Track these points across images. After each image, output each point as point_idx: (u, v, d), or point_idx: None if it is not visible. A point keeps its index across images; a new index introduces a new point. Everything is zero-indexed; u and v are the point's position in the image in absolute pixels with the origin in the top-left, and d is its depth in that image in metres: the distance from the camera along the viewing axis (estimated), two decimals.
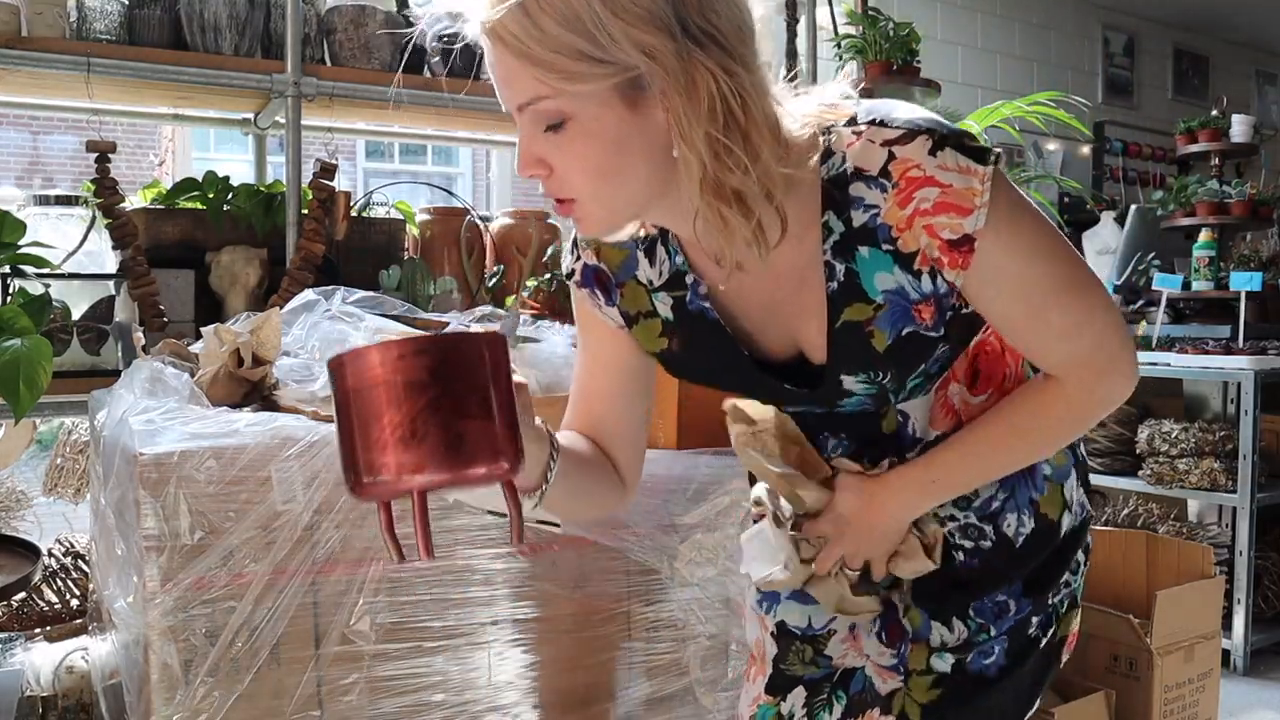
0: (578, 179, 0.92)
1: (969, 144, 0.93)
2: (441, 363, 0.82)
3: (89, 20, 2.09)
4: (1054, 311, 0.98)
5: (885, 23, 2.65)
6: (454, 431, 0.82)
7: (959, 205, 0.93)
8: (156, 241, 2.16)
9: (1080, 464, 1.21)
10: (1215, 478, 3.27)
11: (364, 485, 0.83)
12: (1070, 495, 1.17)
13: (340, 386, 0.83)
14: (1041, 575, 1.17)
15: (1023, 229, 0.96)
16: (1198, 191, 4.04)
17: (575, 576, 1.55)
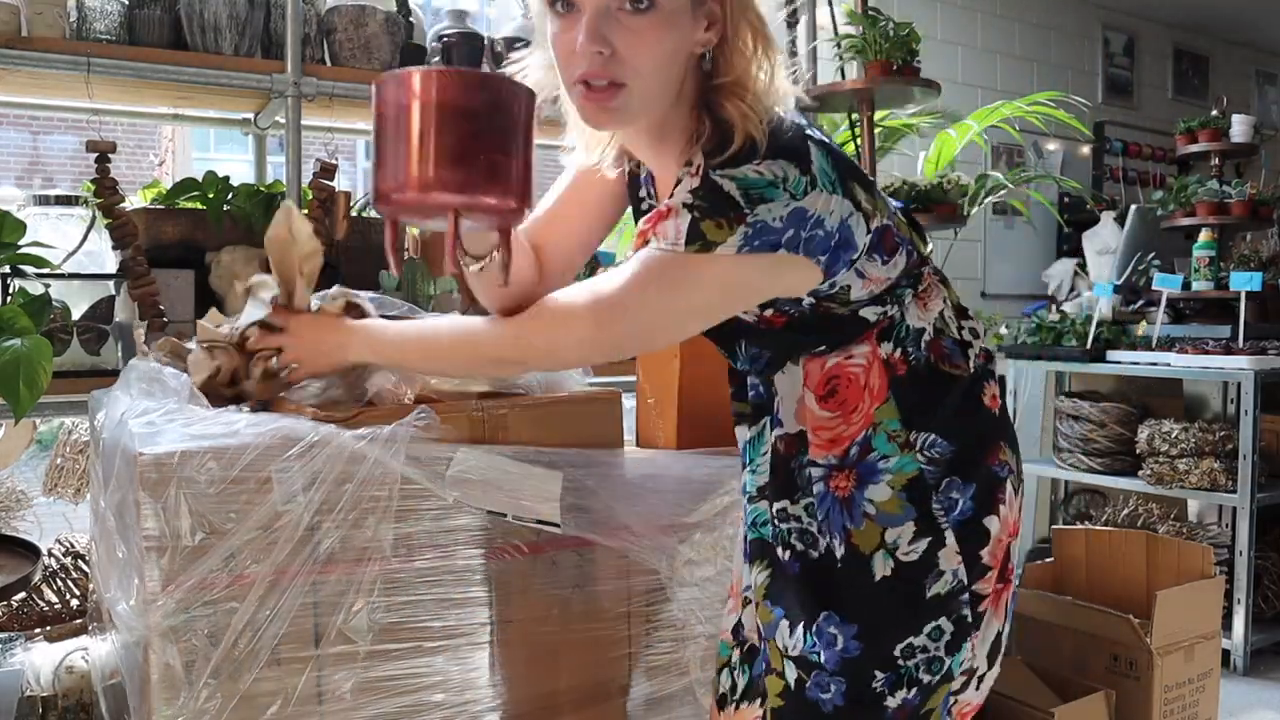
0: (643, 62, 1.03)
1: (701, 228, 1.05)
2: (496, 98, 0.93)
3: (89, 20, 2.09)
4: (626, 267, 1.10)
5: (885, 23, 2.65)
6: (491, 159, 0.93)
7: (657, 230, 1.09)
8: (156, 241, 2.16)
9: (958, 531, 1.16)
10: (1215, 478, 3.27)
11: (396, 199, 0.94)
12: (903, 546, 1.15)
13: (395, 101, 0.92)
14: (881, 626, 1.16)
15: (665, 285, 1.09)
16: (1198, 191, 4.03)
17: (575, 576, 1.55)
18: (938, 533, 1.15)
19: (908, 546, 1.14)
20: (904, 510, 1.15)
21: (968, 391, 1.22)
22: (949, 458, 1.17)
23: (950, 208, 2.64)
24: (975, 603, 1.17)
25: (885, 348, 1.18)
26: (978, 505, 1.17)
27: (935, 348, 1.21)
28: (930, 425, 1.17)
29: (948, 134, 3.43)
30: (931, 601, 1.15)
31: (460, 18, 2.60)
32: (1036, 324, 3.89)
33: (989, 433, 1.22)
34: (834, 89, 2.76)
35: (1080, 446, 3.68)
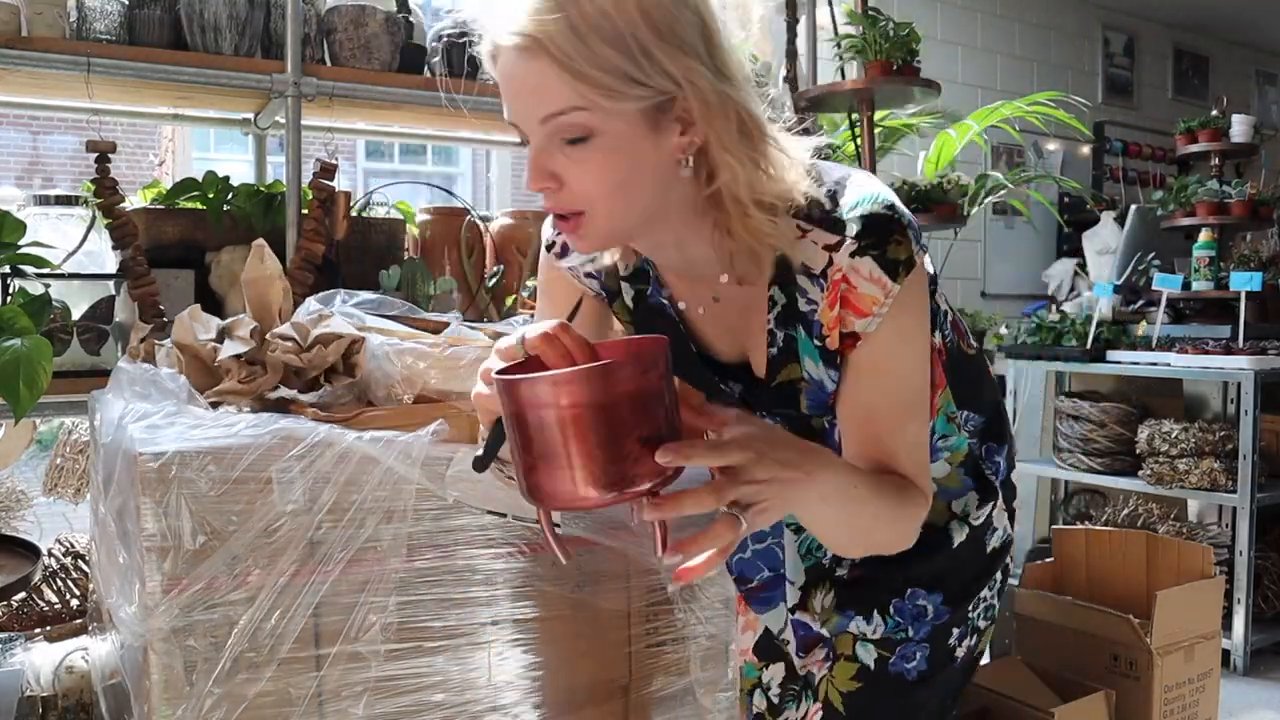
0: (592, 192, 0.95)
1: (890, 256, 1.00)
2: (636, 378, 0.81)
3: (89, 20, 2.09)
4: (910, 425, 1.06)
5: (885, 23, 2.65)
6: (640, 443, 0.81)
7: (859, 307, 1.02)
8: (156, 241, 2.16)
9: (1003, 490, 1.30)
10: (1215, 478, 3.27)
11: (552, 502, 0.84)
12: (973, 512, 1.26)
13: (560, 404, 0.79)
14: (961, 587, 1.26)
15: (907, 343, 1.06)
16: (1198, 191, 4.03)
17: (575, 576, 1.55)
18: (994, 495, 1.27)
19: (976, 512, 1.26)
20: (962, 483, 1.25)
21: (983, 366, 1.32)
22: (983, 428, 1.28)
23: (950, 208, 2.64)
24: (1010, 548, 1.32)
25: (936, 337, 1.20)
26: (1008, 464, 1.31)
27: (956, 328, 1.27)
28: (967, 403, 1.25)
29: (948, 134, 3.43)
30: (992, 555, 1.28)
31: None
32: (1036, 324, 3.89)
33: (998, 402, 1.34)
34: (834, 89, 2.76)
35: (1080, 446, 3.68)
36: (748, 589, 1.40)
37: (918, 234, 1.03)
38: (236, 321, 1.53)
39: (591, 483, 0.80)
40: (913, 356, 1.06)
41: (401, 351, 1.44)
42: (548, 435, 0.79)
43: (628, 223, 1.00)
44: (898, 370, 1.05)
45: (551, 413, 0.78)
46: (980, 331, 2.61)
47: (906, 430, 1.06)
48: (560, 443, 0.79)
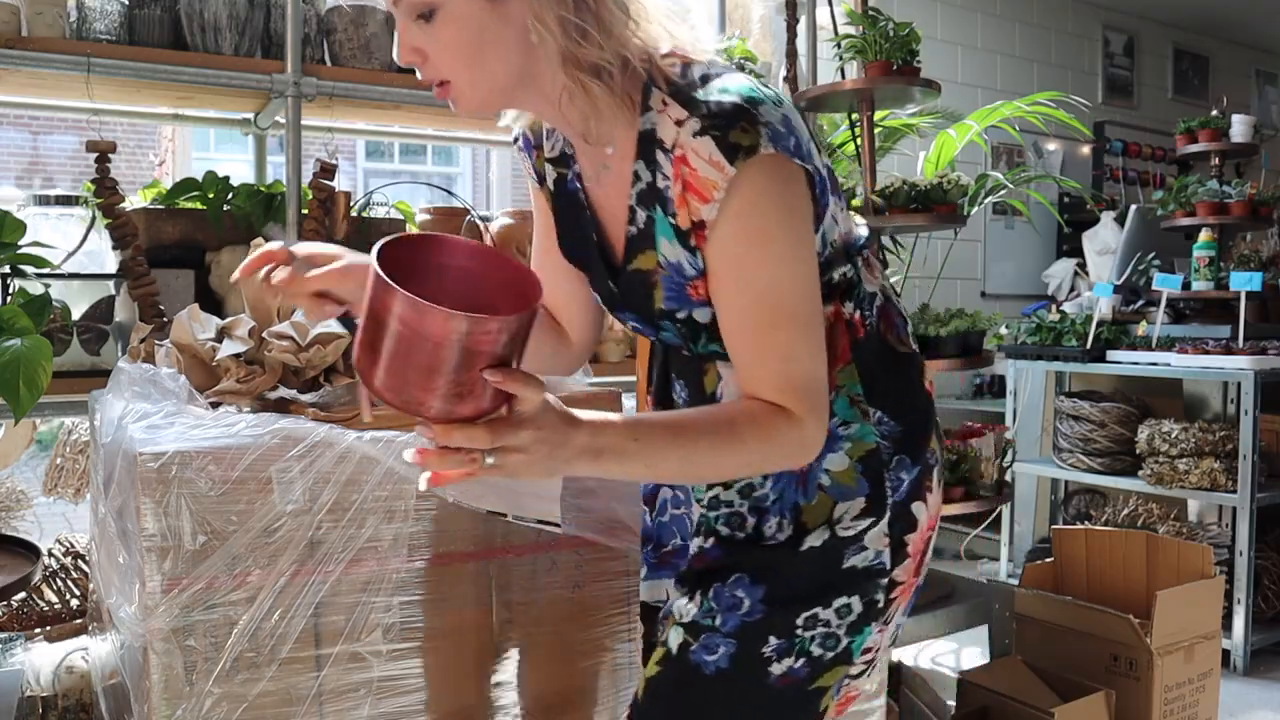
0: (448, 63, 1.02)
1: (732, 139, 0.97)
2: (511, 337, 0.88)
3: (89, 20, 2.09)
4: (778, 336, 1.00)
5: (885, 23, 2.65)
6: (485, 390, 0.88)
7: (701, 191, 1.00)
8: (156, 241, 2.16)
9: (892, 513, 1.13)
10: (1215, 478, 3.27)
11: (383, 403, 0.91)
12: (846, 521, 1.11)
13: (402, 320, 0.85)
14: (791, 592, 1.11)
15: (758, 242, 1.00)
16: (1198, 191, 4.03)
17: (575, 576, 1.55)
18: (881, 513, 1.12)
19: (851, 522, 1.12)
20: (858, 484, 1.12)
21: (913, 370, 1.20)
22: (897, 436, 1.14)
23: (950, 208, 2.63)
24: (890, 589, 1.14)
25: (848, 307, 1.14)
26: (911, 490, 1.15)
27: (886, 316, 1.19)
28: (880, 400, 1.14)
29: (948, 134, 3.43)
30: (847, 574, 1.12)
31: None
32: (1036, 324, 3.89)
33: (927, 418, 1.20)
34: (834, 89, 2.76)
35: (1080, 446, 3.68)
36: (661, 553, 1.31)
37: (778, 134, 0.98)
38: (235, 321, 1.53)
39: (392, 391, 0.87)
40: (770, 262, 1.00)
41: None
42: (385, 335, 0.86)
43: (492, 88, 1.05)
44: (751, 281, 1.00)
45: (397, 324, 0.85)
46: (980, 332, 2.60)
47: (771, 347, 1.00)
48: (381, 343, 0.87)
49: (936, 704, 2.28)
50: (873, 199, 2.65)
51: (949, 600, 2.67)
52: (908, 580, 1.16)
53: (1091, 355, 3.62)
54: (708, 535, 1.18)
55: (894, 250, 3.36)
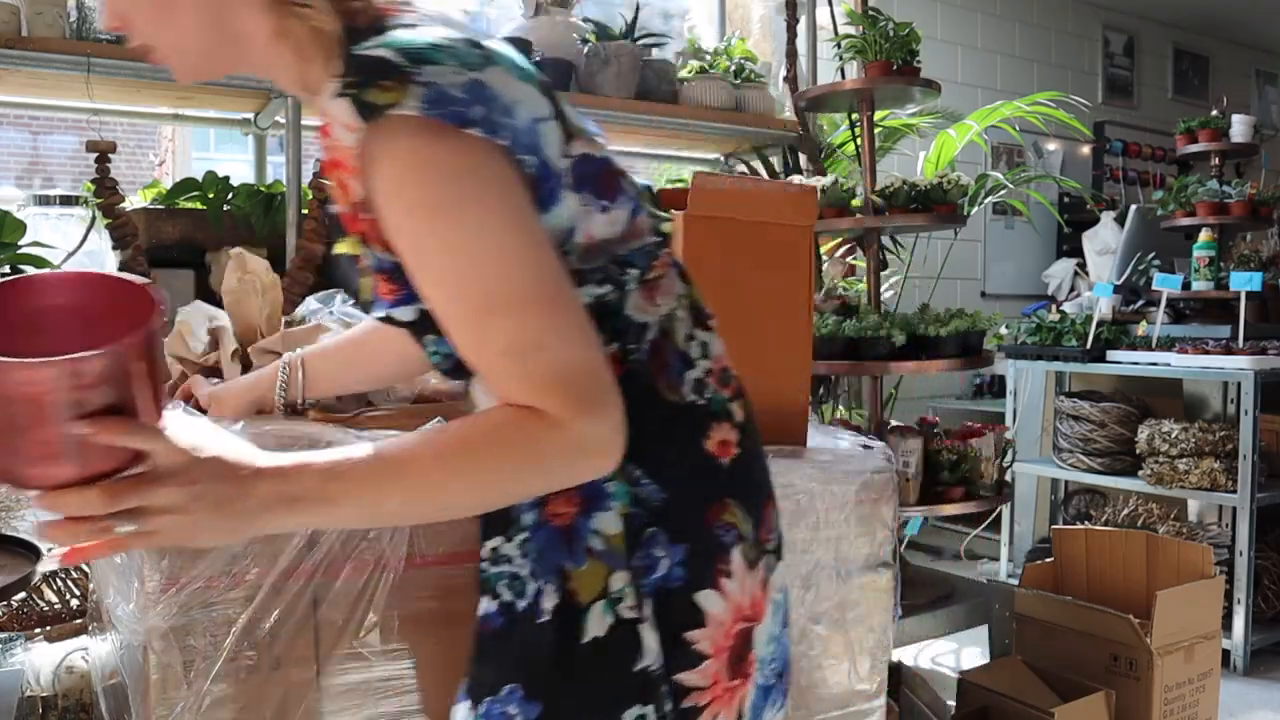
0: (146, 27, 0.92)
1: (368, 98, 0.79)
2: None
3: (89, 20, 2.09)
4: (497, 325, 0.81)
5: (885, 23, 2.65)
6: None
7: (344, 162, 0.86)
8: (156, 241, 2.16)
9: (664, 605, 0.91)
10: (1215, 478, 3.27)
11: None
12: (626, 597, 0.90)
13: None
14: (575, 705, 0.91)
15: (429, 214, 0.81)
16: (1198, 191, 4.03)
17: None
18: (640, 596, 0.91)
19: (621, 605, 0.91)
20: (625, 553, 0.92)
21: (687, 425, 0.96)
22: (657, 505, 0.92)
23: (950, 208, 2.63)
24: (679, 697, 0.92)
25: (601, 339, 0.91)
26: (690, 575, 0.92)
27: (659, 355, 0.96)
28: (639, 458, 0.90)
29: (948, 134, 3.43)
30: (637, 678, 0.90)
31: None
32: (1036, 324, 3.89)
33: (711, 486, 0.96)
34: (834, 89, 2.76)
35: (1080, 446, 3.68)
36: None
37: (445, 99, 0.79)
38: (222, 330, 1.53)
39: None
40: (458, 236, 0.80)
41: None
42: None
43: (191, 48, 0.92)
44: (440, 261, 0.81)
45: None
46: (980, 332, 2.60)
47: (489, 338, 0.81)
48: None
49: (936, 704, 2.27)
50: (873, 199, 2.66)
51: (949, 600, 2.67)
52: (719, 687, 0.94)
53: (1091, 355, 3.62)
54: (492, 596, 0.97)
55: (894, 250, 3.36)
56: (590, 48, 2.77)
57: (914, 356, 2.53)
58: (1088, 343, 3.61)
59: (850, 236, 3.02)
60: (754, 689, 0.98)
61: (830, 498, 1.72)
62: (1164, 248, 4.21)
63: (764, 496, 1.02)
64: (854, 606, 1.79)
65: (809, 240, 1.84)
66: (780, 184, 2.24)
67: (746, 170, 3.30)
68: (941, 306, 2.76)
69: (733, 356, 1.04)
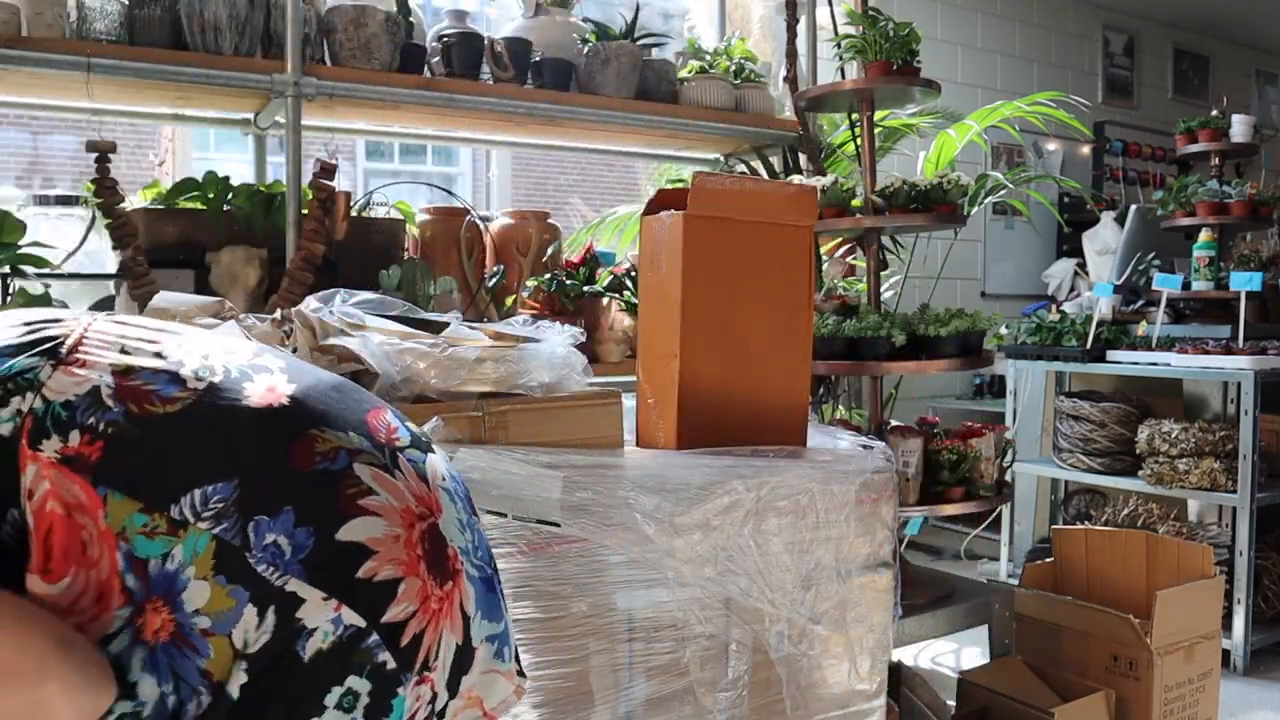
0: None
1: None
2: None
3: (89, 20, 2.09)
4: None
5: (885, 23, 2.65)
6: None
7: None
8: (156, 241, 2.16)
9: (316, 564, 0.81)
10: (1215, 478, 3.27)
11: None
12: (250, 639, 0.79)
13: None
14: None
15: None
16: (1198, 191, 4.03)
17: (575, 576, 1.55)
18: (279, 594, 0.81)
19: (255, 633, 0.80)
20: (236, 597, 0.80)
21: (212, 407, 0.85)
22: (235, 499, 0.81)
23: (950, 208, 2.63)
24: (394, 635, 0.84)
25: (50, 446, 0.80)
26: (316, 525, 0.83)
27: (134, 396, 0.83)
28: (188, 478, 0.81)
29: (948, 134, 3.43)
30: (314, 665, 0.81)
31: (460, 18, 2.60)
32: (1036, 324, 3.89)
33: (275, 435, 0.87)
34: (834, 89, 2.76)
35: (1080, 446, 3.68)
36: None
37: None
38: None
39: None
40: None
41: (401, 351, 1.44)
42: None
43: None
44: None
45: None
46: (980, 332, 2.60)
47: None
48: None
49: (936, 704, 2.27)
50: (873, 199, 2.66)
51: (949, 600, 2.67)
52: (427, 602, 0.86)
53: (1091, 355, 3.62)
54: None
55: (894, 250, 3.36)
56: (590, 48, 2.77)
57: (914, 356, 2.53)
58: (1088, 343, 3.61)
59: (850, 236, 3.02)
60: (471, 584, 0.90)
61: (830, 498, 1.72)
62: (1164, 248, 4.21)
63: (362, 411, 0.91)
64: (854, 606, 1.79)
65: (809, 240, 1.84)
66: (780, 184, 2.24)
67: (746, 170, 3.30)
68: (941, 306, 2.76)
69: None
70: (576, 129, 2.85)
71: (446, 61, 2.51)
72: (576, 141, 3.14)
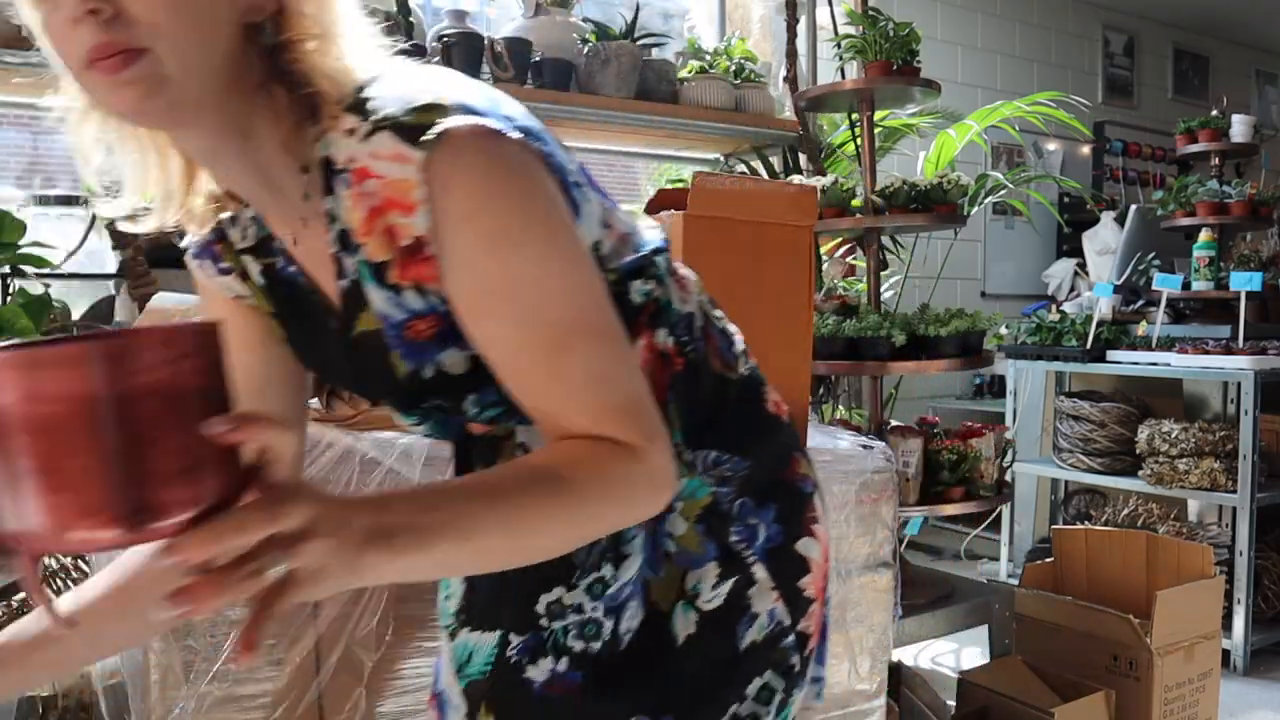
0: (161, 16, 0.69)
1: (409, 121, 0.73)
2: None
3: None
4: (574, 357, 0.76)
5: (885, 23, 2.65)
6: None
7: (398, 200, 0.75)
8: (156, 241, 2.16)
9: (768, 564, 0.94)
10: (1215, 478, 3.27)
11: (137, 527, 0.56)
12: (705, 593, 0.91)
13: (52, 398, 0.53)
14: (699, 701, 0.90)
15: (502, 243, 0.74)
16: (1198, 191, 4.03)
17: None
18: (744, 569, 0.92)
19: (710, 593, 0.91)
20: (704, 548, 0.92)
21: (748, 395, 0.99)
22: (744, 476, 0.94)
23: (950, 208, 2.63)
24: (802, 645, 0.95)
25: (660, 335, 0.90)
26: (786, 529, 0.95)
27: (709, 339, 0.96)
28: (716, 440, 0.93)
29: (948, 134, 3.43)
30: (749, 654, 0.91)
31: (460, 18, 2.60)
32: (1036, 324, 3.89)
33: (784, 445, 1.00)
34: (834, 89, 2.76)
35: (1080, 446, 3.68)
36: None
37: (474, 109, 0.75)
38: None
39: (92, 514, 0.54)
40: (529, 267, 0.74)
41: None
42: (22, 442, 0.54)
43: (199, 78, 0.72)
44: (511, 293, 0.75)
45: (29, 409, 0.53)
46: (980, 332, 2.60)
47: (567, 371, 0.76)
48: (44, 454, 0.53)
49: (936, 704, 2.27)
50: (873, 199, 2.66)
51: (949, 600, 2.67)
52: (815, 625, 0.98)
53: (1091, 355, 3.62)
54: (558, 655, 0.91)
55: (894, 250, 3.36)
56: (590, 48, 2.77)
57: (914, 356, 2.53)
58: (1088, 343, 3.61)
59: (850, 236, 3.02)
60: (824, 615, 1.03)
61: (830, 498, 1.72)
62: (1164, 248, 4.21)
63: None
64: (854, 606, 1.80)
65: (809, 240, 1.84)
66: (780, 184, 2.24)
67: (746, 170, 3.30)
68: (941, 306, 2.76)
69: None
70: (576, 129, 2.85)
71: (447, 61, 2.51)
72: (576, 141, 3.14)
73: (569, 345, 0.76)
